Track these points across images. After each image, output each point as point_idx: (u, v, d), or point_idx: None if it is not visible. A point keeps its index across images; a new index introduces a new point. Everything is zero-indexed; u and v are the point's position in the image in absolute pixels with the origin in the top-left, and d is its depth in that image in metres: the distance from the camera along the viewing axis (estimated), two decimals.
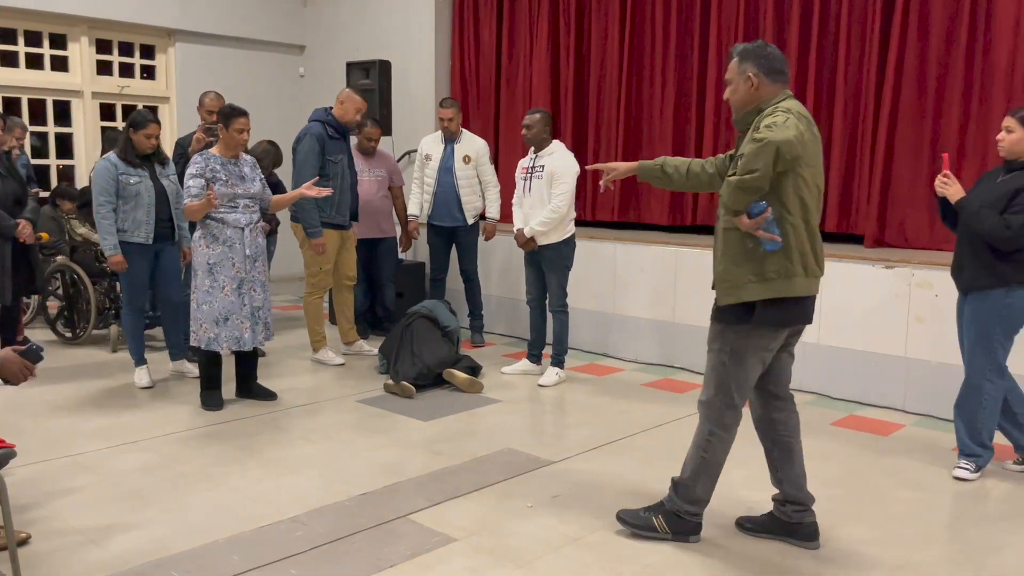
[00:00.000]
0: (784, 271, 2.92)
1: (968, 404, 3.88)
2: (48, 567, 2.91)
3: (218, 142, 4.76)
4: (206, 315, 4.62)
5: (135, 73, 8.49)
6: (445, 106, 6.35)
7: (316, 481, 3.75)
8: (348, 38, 8.65)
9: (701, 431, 3.21)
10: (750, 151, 2.75)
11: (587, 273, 6.25)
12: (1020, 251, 3.65)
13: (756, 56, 2.98)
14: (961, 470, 3.89)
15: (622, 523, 3.25)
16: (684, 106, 6.54)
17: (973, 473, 3.88)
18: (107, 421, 4.55)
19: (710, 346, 3.21)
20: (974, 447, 3.90)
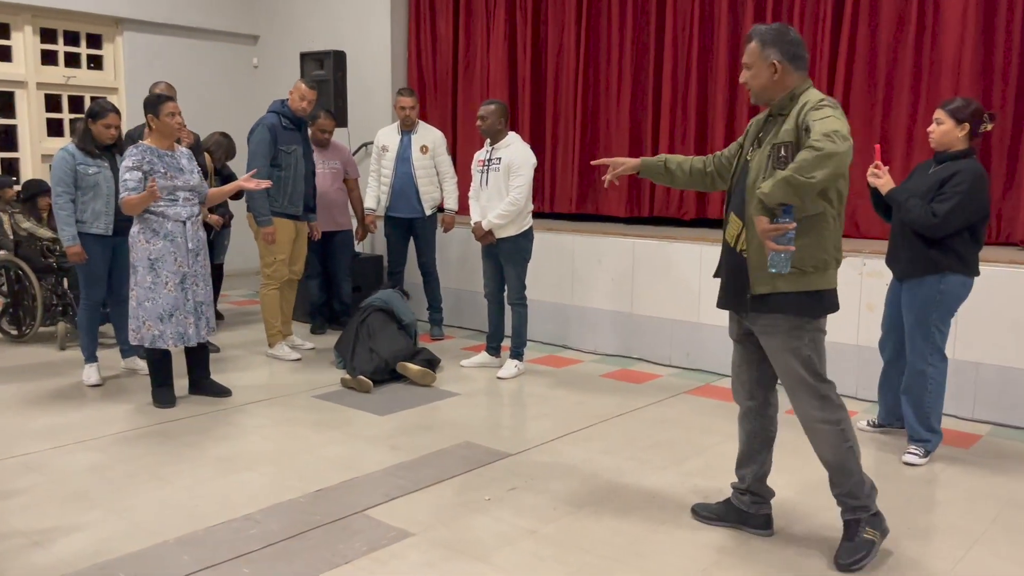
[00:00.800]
0: (821, 264, 2.86)
1: (914, 390, 3.98)
2: None
3: (150, 133, 4.61)
4: (149, 312, 4.51)
5: (82, 63, 8.27)
6: (404, 95, 6.29)
7: (270, 478, 3.69)
8: (302, 28, 8.53)
9: (830, 429, 2.94)
10: (811, 157, 2.57)
11: (545, 265, 6.25)
12: (949, 238, 3.76)
13: (780, 42, 2.86)
14: (910, 455, 3.97)
15: (850, 570, 2.92)
16: (640, 97, 6.56)
17: (922, 458, 3.96)
18: (54, 420, 4.43)
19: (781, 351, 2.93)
20: (923, 432, 3.98)
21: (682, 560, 2.99)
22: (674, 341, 5.76)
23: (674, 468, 3.88)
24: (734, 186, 3.04)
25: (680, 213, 6.42)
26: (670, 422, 4.57)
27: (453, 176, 6.48)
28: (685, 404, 4.92)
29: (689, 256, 5.64)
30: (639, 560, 2.98)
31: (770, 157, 2.84)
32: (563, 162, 7.04)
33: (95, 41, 8.32)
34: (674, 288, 5.72)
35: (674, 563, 2.96)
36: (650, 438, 4.29)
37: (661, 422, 4.57)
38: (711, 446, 4.19)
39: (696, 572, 2.90)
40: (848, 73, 5.52)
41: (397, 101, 6.34)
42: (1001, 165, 5.07)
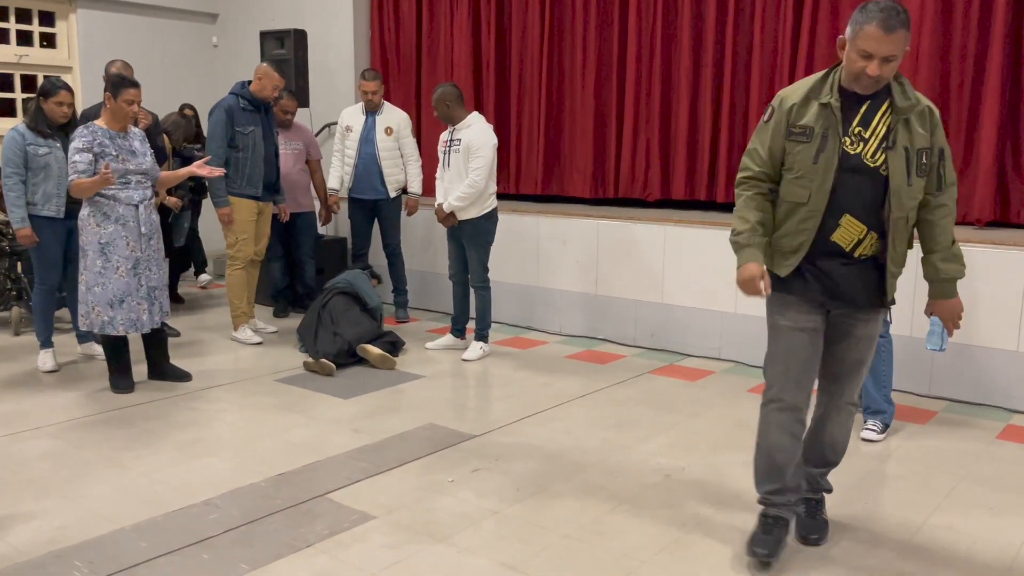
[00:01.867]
0: None
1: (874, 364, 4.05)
2: None
3: (102, 113, 4.51)
4: (98, 297, 4.42)
5: (34, 41, 8.05)
6: (368, 78, 6.21)
7: (231, 463, 3.65)
8: (262, 7, 8.36)
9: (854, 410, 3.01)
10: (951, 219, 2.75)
11: (510, 246, 6.23)
12: None
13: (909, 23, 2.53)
14: (868, 431, 4.03)
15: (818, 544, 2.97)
16: (605, 76, 6.53)
17: (880, 434, 4.03)
18: (7, 407, 4.34)
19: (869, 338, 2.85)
20: (881, 402, 4.08)
21: (644, 538, 3.01)
22: (639, 322, 5.79)
23: (638, 447, 3.90)
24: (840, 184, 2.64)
25: (644, 194, 6.42)
26: (634, 402, 4.59)
27: (418, 159, 6.43)
28: (649, 384, 4.95)
29: (653, 237, 5.66)
30: (601, 539, 3.00)
31: (909, 162, 2.62)
32: (528, 143, 7.00)
33: (48, 19, 8.09)
34: (639, 269, 5.74)
35: (636, 541, 2.98)
36: (614, 418, 4.32)
37: (625, 402, 4.59)
38: (675, 425, 4.22)
39: (658, 549, 2.92)
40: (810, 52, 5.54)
41: (360, 84, 6.26)
42: (958, 146, 5.14)
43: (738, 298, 5.32)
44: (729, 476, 3.58)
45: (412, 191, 6.40)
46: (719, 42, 5.94)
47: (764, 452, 2.92)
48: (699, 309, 5.50)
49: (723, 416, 4.38)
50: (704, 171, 6.14)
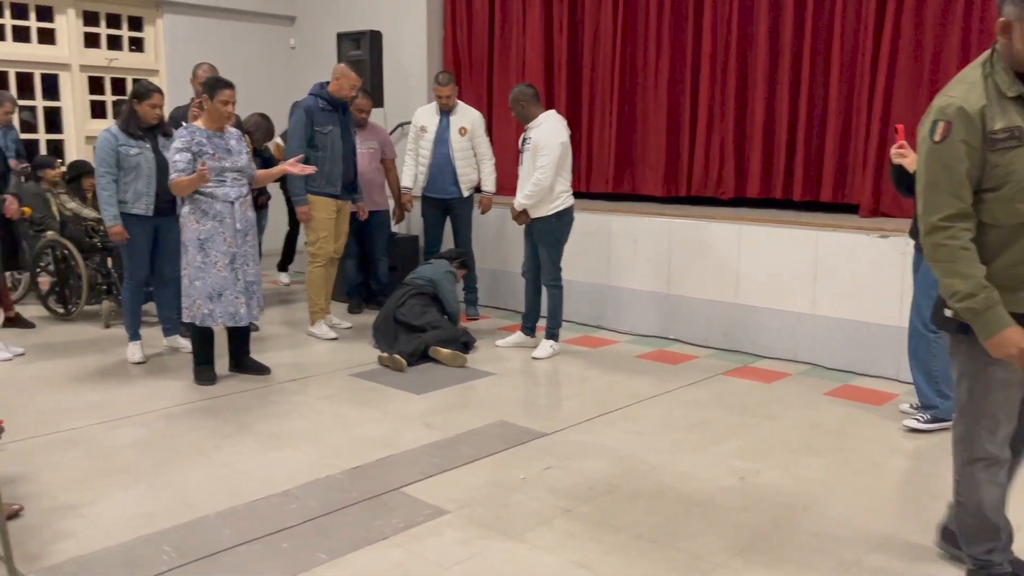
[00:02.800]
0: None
1: (919, 354, 4.03)
2: (38, 542, 2.90)
3: (202, 114, 4.68)
4: (199, 291, 4.58)
5: (123, 45, 8.38)
6: (442, 82, 6.24)
7: (308, 455, 3.74)
8: (339, 9, 8.53)
9: None
10: None
11: (581, 245, 6.21)
12: None
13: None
14: (913, 420, 4.05)
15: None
16: (679, 74, 6.46)
17: (924, 423, 4.01)
18: (99, 396, 4.54)
19: None
20: (933, 397, 4.03)
21: (718, 541, 2.97)
22: (711, 322, 5.71)
23: (711, 449, 3.85)
24: None
25: (718, 192, 6.34)
26: (706, 403, 4.54)
27: (491, 157, 6.46)
28: (722, 385, 4.88)
29: (728, 235, 5.58)
30: (673, 540, 2.97)
31: None
32: (599, 142, 6.98)
33: (136, 23, 8.42)
34: (712, 268, 5.66)
35: (710, 544, 2.95)
36: (686, 419, 4.27)
37: (697, 403, 4.54)
38: (748, 427, 4.16)
39: (733, 553, 2.89)
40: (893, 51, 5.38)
41: (435, 88, 6.30)
42: None
43: (816, 298, 5.21)
44: (807, 481, 3.51)
45: (486, 189, 6.44)
46: (797, 36, 5.81)
47: (974, 513, 2.53)
48: (774, 309, 5.40)
49: (799, 419, 4.30)
50: (780, 169, 6.02)
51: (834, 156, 5.74)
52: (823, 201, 5.85)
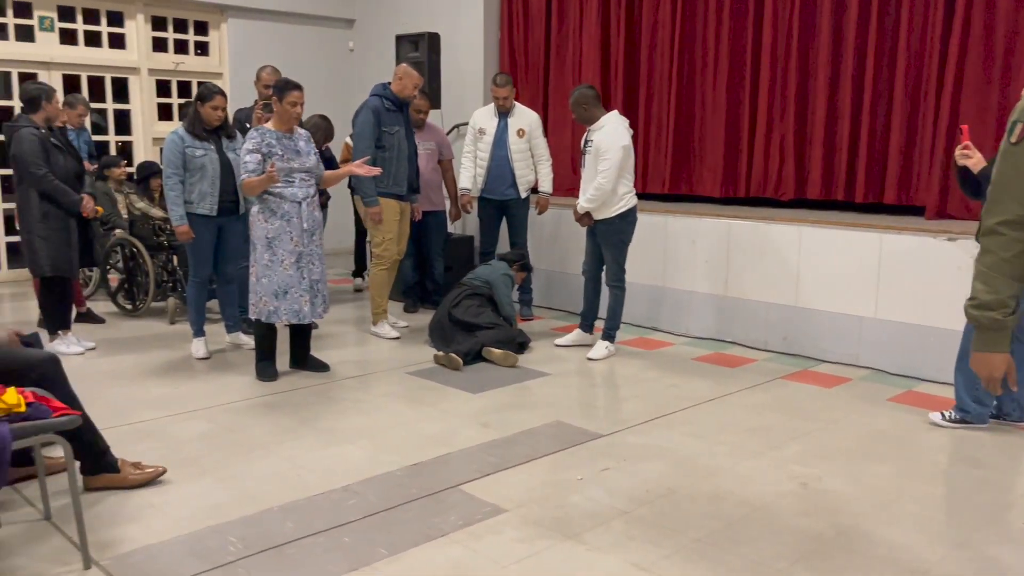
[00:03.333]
0: None
1: (967, 360, 3.98)
2: (110, 530, 3.01)
3: (266, 115, 4.79)
4: (266, 288, 4.69)
5: (189, 49, 8.61)
6: (500, 84, 6.25)
7: (367, 451, 3.80)
8: (397, 11, 8.64)
9: None
10: None
11: (637, 246, 6.16)
12: None
13: None
14: (938, 415, 4.14)
15: None
16: (738, 75, 6.40)
17: (947, 420, 4.10)
18: (167, 390, 4.67)
19: None
20: (968, 401, 4.05)
21: (779, 547, 2.93)
22: (770, 325, 5.64)
23: (771, 454, 3.80)
24: None
25: (778, 193, 6.25)
26: (766, 407, 4.48)
27: (548, 158, 6.46)
28: (782, 389, 4.82)
29: (788, 237, 5.49)
30: (733, 545, 2.95)
31: None
32: (656, 142, 6.94)
33: (202, 28, 8.65)
34: (772, 270, 5.59)
35: (771, 550, 2.91)
36: (745, 423, 4.23)
37: (756, 407, 4.48)
38: (809, 432, 4.10)
39: (794, 560, 2.85)
40: (961, 51, 5.24)
41: (492, 90, 6.31)
42: None
43: (878, 301, 5.10)
44: (871, 488, 3.44)
45: (543, 190, 6.44)
46: (861, 32, 5.71)
47: None
48: (835, 313, 5.30)
49: (862, 425, 4.21)
50: (842, 170, 5.92)
51: (899, 157, 5.62)
52: (887, 203, 5.73)
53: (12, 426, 2.59)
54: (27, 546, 2.89)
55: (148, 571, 2.73)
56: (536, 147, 6.36)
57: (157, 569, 2.74)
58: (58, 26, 7.81)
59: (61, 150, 5.13)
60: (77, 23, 7.92)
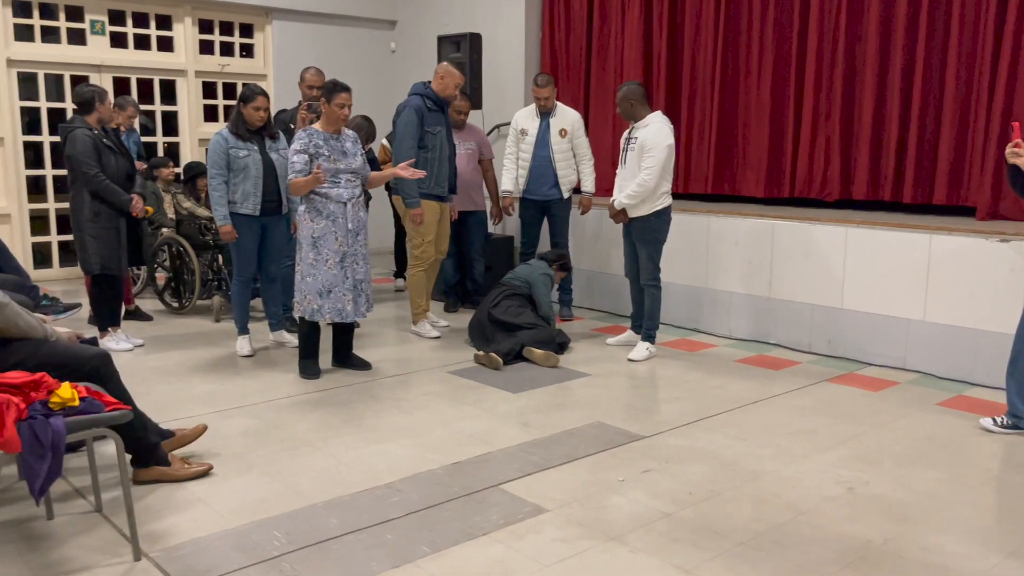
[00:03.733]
0: None
1: (1019, 364, 3.96)
2: (159, 523, 3.06)
3: (320, 117, 4.83)
4: (310, 287, 4.74)
5: (235, 52, 8.74)
6: (541, 84, 6.22)
7: (409, 449, 3.82)
8: (439, 12, 8.68)
9: None
10: None
11: (678, 246, 6.14)
12: None
13: None
14: (989, 420, 4.05)
15: None
16: (782, 71, 6.32)
17: (998, 426, 4.01)
18: (212, 387, 4.74)
19: None
20: (1022, 408, 3.98)
21: (826, 552, 2.89)
22: (815, 327, 5.55)
23: (816, 458, 3.75)
24: None
25: (823, 194, 6.16)
26: (811, 410, 4.41)
27: (591, 158, 6.43)
28: (827, 392, 4.74)
29: (833, 238, 5.41)
30: (779, 550, 2.91)
31: None
32: (699, 142, 6.88)
33: (247, 30, 8.78)
34: (816, 271, 5.50)
35: (817, 555, 2.87)
36: (790, 426, 4.17)
37: (801, 410, 4.42)
38: (855, 436, 4.03)
39: (842, 565, 2.80)
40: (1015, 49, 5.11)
41: (533, 90, 6.28)
42: None
43: (927, 304, 5.00)
44: (920, 493, 3.37)
45: (586, 190, 6.42)
46: (911, 28, 5.60)
47: None
48: (882, 315, 5.21)
49: (910, 429, 4.13)
50: (890, 170, 5.81)
51: (949, 156, 5.50)
52: (936, 204, 5.62)
53: (67, 419, 2.65)
54: (79, 537, 2.96)
55: (195, 564, 2.77)
56: (578, 147, 6.34)
57: (204, 562, 2.79)
58: (109, 30, 7.98)
59: (113, 151, 5.24)
60: (127, 27, 8.08)
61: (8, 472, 3.39)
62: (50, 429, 2.58)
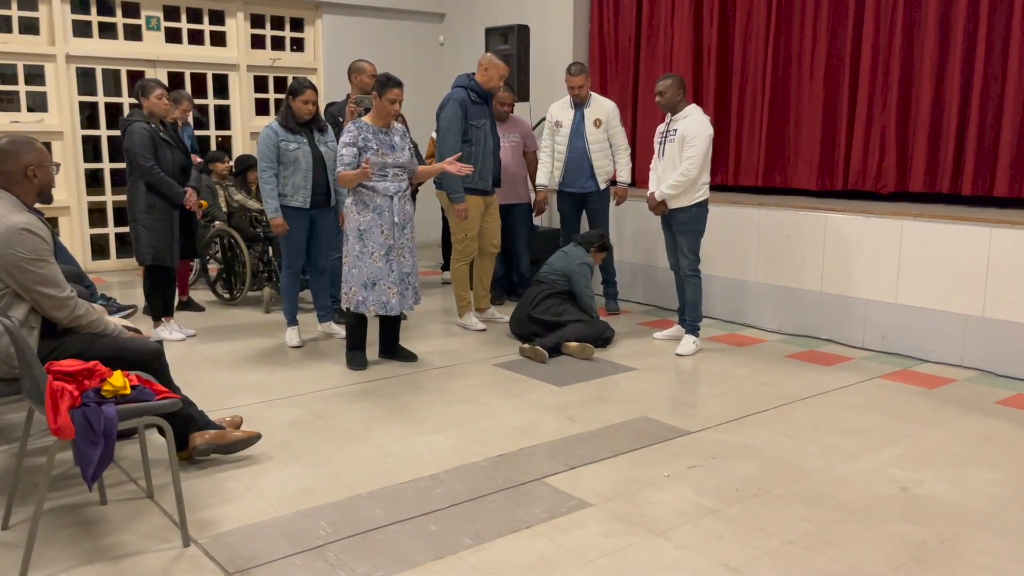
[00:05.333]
0: None
1: None
2: (208, 510, 3.12)
3: (371, 110, 4.84)
4: (356, 279, 4.78)
5: (285, 46, 8.85)
6: (573, 73, 6.14)
7: (454, 441, 3.83)
8: (486, 4, 8.67)
9: None
10: None
11: (728, 239, 6.05)
12: None
13: None
14: None
15: None
16: (837, 61, 6.17)
17: None
18: (261, 377, 4.81)
19: None
20: None
21: (878, 553, 2.81)
22: (868, 322, 5.42)
23: (868, 456, 3.66)
24: None
25: (878, 187, 6.01)
26: (863, 407, 4.31)
27: (627, 148, 6.35)
28: (880, 389, 4.63)
29: (888, 231, 5.27)
30: (829, 549, 2.84)
31: None
32: (749, 133, 6.76)
33: (298, 25, 8.87)
34: (871, 266, 5.37)
35: (869, 555, 2.80)
36: (841, 423, 4.07)
37: (853, 407, 4.32)
38: (909, 435, 3.92)
39: (894, 566, 2.72)
40: None
41: (566, 79, 6.18)
42: None
43: (986, 300, 4.84)
44: (977, 494, 3.27)
45: (621, 180, 6.35)
46: (971, 15, 5.41)
47: None
48: (939, 311, 5.06)
49: (967, 428, 4.01)
50: (948, 161, 5.64)
51: (1011, 146, 5.31)
52: (996, 196, 5.43)
53: (118, 407, 2.71)
54: (130, 523, 3.03)
55: (242, 551, 2.82)
56: (614, 136, 6.26)
57: (251, 549, 2.83)
58: (164, 25, 8.14)
59: (170, 144, 5.34)
60: (181, 22, 8.24)
61: (62, 458, 3.49)
62: (102, 416, 2.64)
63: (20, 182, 3.10)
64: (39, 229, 3.03)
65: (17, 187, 3.10)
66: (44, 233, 3.06)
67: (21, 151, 3.11)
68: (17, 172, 3.09)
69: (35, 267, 3.00)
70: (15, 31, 7.52)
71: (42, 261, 3.02)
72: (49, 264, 3.05)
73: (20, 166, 3.09)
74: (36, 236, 3.01)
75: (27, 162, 3.10)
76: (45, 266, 3.03)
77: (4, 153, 3.09)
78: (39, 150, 3.18)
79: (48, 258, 3.05)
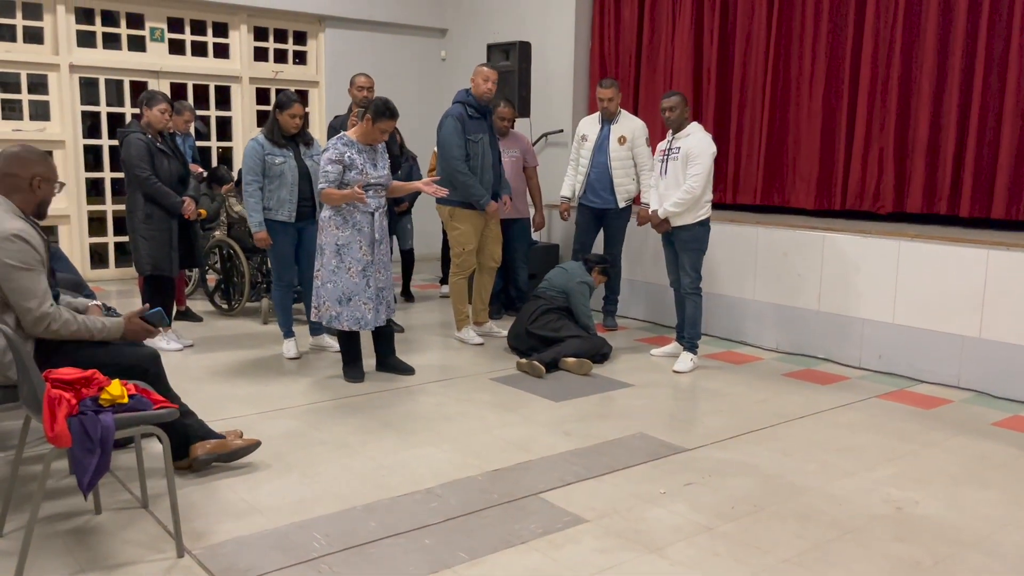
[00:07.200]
0: None
1: None
2: (202, 521, 3.11)
3: (357, 126, 4.85)
4: (329, 293, 4.77)
5: (288, 59, 8.89)
6: (604, 86, 6.16)
7: (449, 455, 3.82)
8: (489, 20, 8.73)
9: None
10: None
11: (726, 257, 6.06)
12: None
13: None
14: None
15: None
16: (835, 81, 6.21)
17: None
18: (256, 388, 4.81)
19: None
20: None
21: (873, 572, 2.81)
22: (865, 341, 5.43)
23: (864, 475, 3.66)
24: None
25: (876, 207, 6.03)
26: (859, 426, 4.31)
27: (651, 168, 6.32)
28: (876, 408, 4.63)
29: (886, 252, 5.29)
30: (824, 568, 2.84)
31: None
32: (748, 152, 6.80)
33: (300, 38, 8.92)
34: (868, 285, 5.38)
35: (863, 574, 2.79)
36: (837, 442, 4.08)
37: (849, 426, 4.32)
38: (905, 455, 3.92)
39: None
40: None
41: (597, 92, 6.22)
42: None
43: (983, 321, 4.85)
44: (973, 515, 3.27)
45: (645, 201, 6.33)
46: (970, 36, 5.46)
47: None
48: (936, 332, 5.07)
49: (963, 448, 4.01)
50: (946, 183, 5.67)
51: (1009, 168, 5.34)
52: (994, 218, 5.46)
53: (116, 416, 2.71)
54: (124, 532, 3.02)
55: (237, 562, 2.81)
56: (639, 155, 6.23)
57: (245, 561, 2.82)
58: (167, 37, 8.19)
59: (166, 154, 5.35)
60: (185, 34, 8.28)
61: (57, 467, 3.48)
62: (99, 425, 2.64)
63: (23, 190, 3.10)
64: (31, 237, 3.00)
65: (19, 195, 3.10)
66: (36, 242, 3.02)
67: (33, 160, 3.12)
68: (23, 179, 3.09)
69: (15, 275, 2.93)
70: (19, 40, 7.56)
71: (25, 270, 2.95)
72: (30, 273, 2.96)
73: (28, 174, 3.09)
74: (27, 244, 2.97)
75: (35, 172, 3.11)
76: (25, 275, 2.95)
77: (16, 157, 3.10)
78: (49, 164, 3.19)
79: (33, 267, 2.97)
